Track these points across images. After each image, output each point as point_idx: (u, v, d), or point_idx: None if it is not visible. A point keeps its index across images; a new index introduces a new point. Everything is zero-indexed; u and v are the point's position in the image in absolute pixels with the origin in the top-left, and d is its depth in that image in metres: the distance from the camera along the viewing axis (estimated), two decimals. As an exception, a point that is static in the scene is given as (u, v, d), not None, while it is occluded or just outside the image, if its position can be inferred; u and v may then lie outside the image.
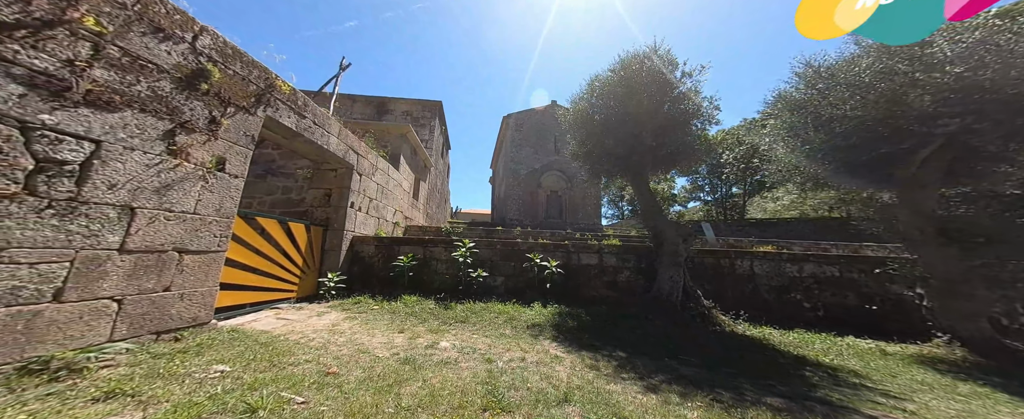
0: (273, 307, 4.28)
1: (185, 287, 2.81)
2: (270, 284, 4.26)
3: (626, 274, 5.64)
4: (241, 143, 3.33)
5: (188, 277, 2.84)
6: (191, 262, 2.86)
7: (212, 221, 3.05)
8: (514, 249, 5.89)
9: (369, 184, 6.50)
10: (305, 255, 4.89)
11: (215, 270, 3.10)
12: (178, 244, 2.74)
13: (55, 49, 1.98)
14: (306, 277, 4.94)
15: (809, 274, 5.28)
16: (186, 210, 2.81)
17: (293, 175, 7.33)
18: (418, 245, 5.94)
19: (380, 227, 7.09)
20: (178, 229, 2.74)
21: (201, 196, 2.94)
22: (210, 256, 3.04)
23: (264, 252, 4.13)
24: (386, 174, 7.43)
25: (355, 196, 5.87)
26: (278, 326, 3.54)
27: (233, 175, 3.25)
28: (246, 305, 3.90)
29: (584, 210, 18.51)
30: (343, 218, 5.52)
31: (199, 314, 2.94)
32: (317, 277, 5.18)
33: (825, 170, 4.82)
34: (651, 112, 5.26)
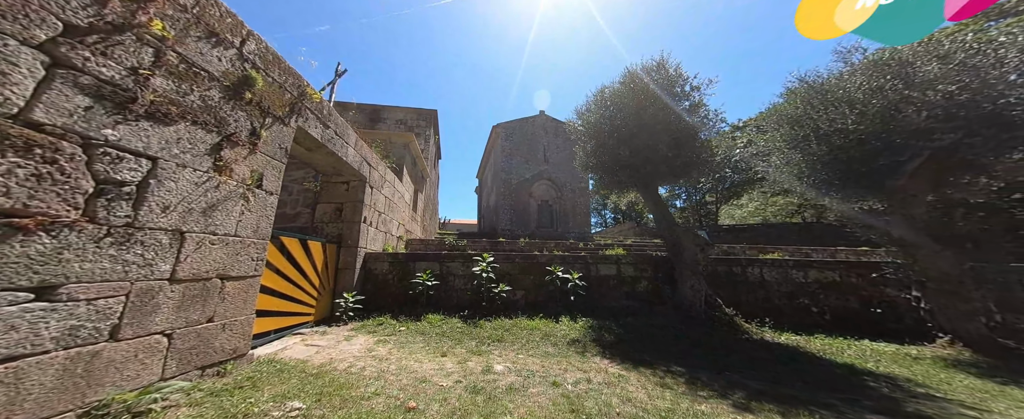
0: (296, 333, 3.99)
1: (227, 316, 2.58)
2: (292, 308, 3.98)
3: (644, 284, 5.87)
4: (277, 156, 3.16)
5: (229, 306, 2.61)
6: (232, 289, 2.64)
7: (251, 243, 2.84)
8: (533, 262, 5.93)
9: (378, 197, 6.30)
10: (321, 275, 4.62)
11: (252, 296, 2.87)
12: (221, 270, 2.53)
13: (122, 56, 1.82)
14: (322, 298, 4.66)
15: (814, 280, 5.79)
16: (228, 232, 2.61)
17: (287, 188, 6.94)
18: (435, 260, 5.81)
19: (387, 242, 6.85)
20: (221, 253, 2.53)
21: (242, 216, 2.74)
22: (248, 282, 2.82)
23: (287, 274, 3.87)
24: (392, 186, 7.24)
25: (367, 210, 5.66)
26: (312, 354, 3.32)
27: (269, 192, 3.07)
28: (270, 332, 3.61)
29: (574, 219, 18.94)
30: (357, 234, 5.30)
31: (239, 345, 2.70)
32: (331, 298, 4.90)
33: (823, 181, 5.39)
34: (665, 123, 5.63)
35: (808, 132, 5.24)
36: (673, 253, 5.62)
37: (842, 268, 5.83)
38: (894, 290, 5.55)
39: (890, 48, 4.80)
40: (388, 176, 6.89)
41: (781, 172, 6.02)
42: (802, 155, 5.44)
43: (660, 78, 5.95)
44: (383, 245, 6.61)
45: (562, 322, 4.84)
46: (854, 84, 4.78)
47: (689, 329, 4.61)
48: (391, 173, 7.10)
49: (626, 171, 5.96)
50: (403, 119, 12.43)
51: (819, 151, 5.11)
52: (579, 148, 7.62)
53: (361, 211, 5.40)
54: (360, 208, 5.41)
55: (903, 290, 5.48)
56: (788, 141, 5.64)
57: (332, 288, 4.95)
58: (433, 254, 5.88)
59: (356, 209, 5.40)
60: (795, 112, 5.47)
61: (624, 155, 5.95)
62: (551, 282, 5.61)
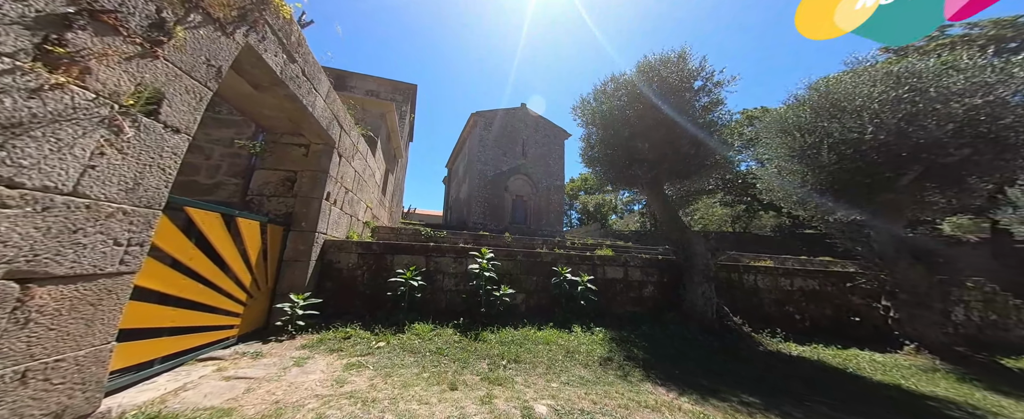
0: (207, 356, 2.58)
1: (36, 356, 1.25)
2: (202, 319, 2.56)
3: (650, 289, 5.31)
4: (199, 76, 1.81)
5: (44, 335, 1.27)
6: (53, 302, 1.31)
7: (115, 212, 1.50)
8: (537, 261, 5.02)
9: (347, 170, 4.86)
10: (255, 269, 3.19)
11: (111, 311, 1.53)
12: (24, 262, 1.20)
13: None
14: (255, 302, 3.24)
15: (798, 288, 5.75)
16: (57, 185, 1.27)
17: (202, 149, 5.00)
18: (421, 254, 4.60)
19: (352, 228, 5.41)
20: (29, 227, 1.20)
21: (98, 160, 1.40)
22: (102, 284, 1.48)
23: (194, 268, 2.45)
24: (364, 160, 5.78)
25: (332, 185, 4.25)
26: (237, 395, 2.03)
27: (172, 127, 1.71)
28: (157, 360, 2.20)
29: (548, 217, 18.45)
30: (316, 215, 3.88)
31: (70, 401, 1.37)
32: (270, 301, 3.48)
33: (821, 191, 5.27)
34: (690, 118, 5.08)
35: (817, 140, 5.06)
36: (684, 257, 5.13)
37: (821, 277, 5.88)
38: (860, 299, 5.72)
39: (903, 62, 4.78)
40: (361, 146, 5.44)
41: (775, 181, 5.88)
42: (806, 164, 5.28)
43: (679, 71, 5.40)
44: (347, 231, 5.17)
45: (576, 332, 4.02)
46: (869, 93, 4.66)
47: (710, 341, 4.10)
48: (364, 143, 5.64)
49: (642, 165, 5.32)
50: (375, 91, 10.56)
51: (829, 160, 4.96)
52: (583, 140, 6.88)
53: (324, 185, 3.98)
54: (323, 180, 3.99)
55: (869, 299, 5.66)
56: (791, 149, 5.46)
57: (272, 287, 3.52)
58: (419, 246, 4.66)
59: (317, 181, 3.97)
60: (800, 120, 5.27)
61: (641, 149, 5.30)
62: (558, 285, 4.76)
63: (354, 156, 5.11)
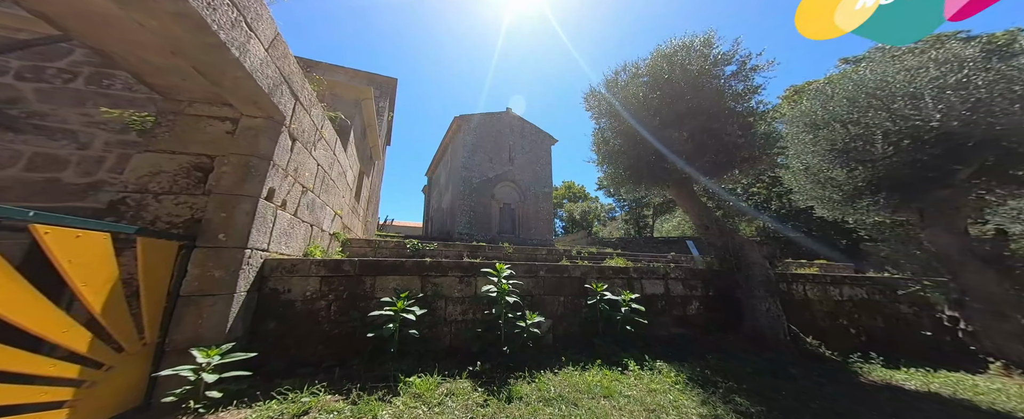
0: None
1: None
2: None
3: (695, 306, 4.32)
4: None
5: None
6: None
7: None
8: (565, 277, 3.87)
9: (306, 162, 3.49)
10: (113, 308, 1.78)
11: None
12: None
13: None
14: (127, 365, 1.81)
15: (847, 297, 5.04)
16: None
17: (76, 135, 3.39)
18: (414, 274, 3.29)
19: (314, 242, 3.99)
20: None
21: None
22: None
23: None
24: (332, 152, 4.40)
25: (280, 179, 2.88)
26: None
27: None
28: None
29: (537, 225, 17.44)
30: (246, 222, 2.48)
31: None
32: (151, 361, 2.03)
33: (859, 188, 4.64)
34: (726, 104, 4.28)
35: (865, 131, 4.45)
36: (735, 266, 4.22)
37: (868, 284, 5.24)
38: (908, 307, 5.13)
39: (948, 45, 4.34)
40: (328, 133, 4.08)
41: (803, 180, 5.22)
42: (850, 160, 4.65)
43: (703, 56, 4.66)
44: (306, 246, 3.75)
45: (634, 372, 2.90)
46: (924, 78, 4.14)
47: (803, 372, 3.12)
48: (331, 130, 4.28)
49: (678, 159, 4.41)
50: (347, 84, 9.15)
51: (883, 152, 4.35)
52: (596, 134, 5.96)
53: (263, 177, 2.62)
54: (261, 171, 2.62)
55: (916, 308, 5.08)
56: (829, 144, 4.82)
57: (158, 341, 2.07)
58: (412, 264, 3.33)
59: (250, 172, 2.59)
60: (835, 111, 4.66)
61: (676, 139, 4.40)
62: (593, 307, 3.63)
63: (316, 144, 3.76)
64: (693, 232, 26.55)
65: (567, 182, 32.55)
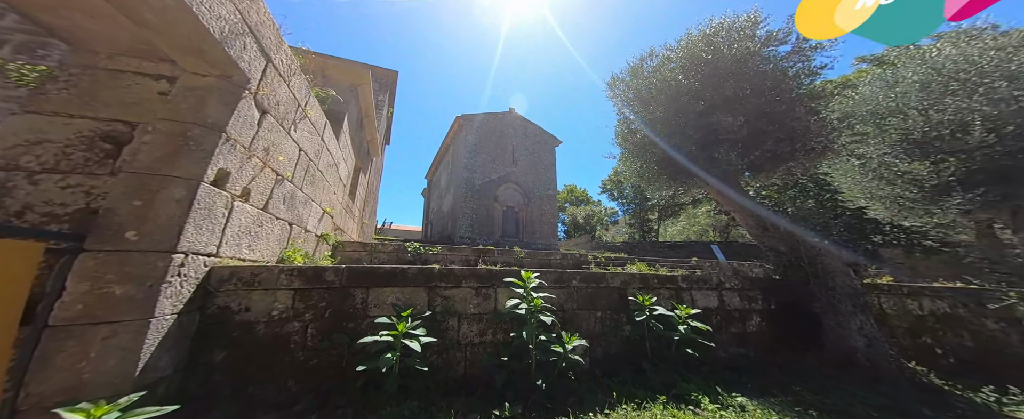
0: None
1: None
2: None
3: (756, 320, 3.56)
4: None
5: None
6: None
7: None
8: (601, 288, 3.11)
9: (283, 143, 2.73)
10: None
11: None
12: None
13: None
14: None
15: (929, 311, 4.29)
16: None
17: None
18: (419, 285, 2.51)
19: (293, 245, 3.21)
20: None
21: None
22: None
23: None
24: (318, 137, 3.65)
25: (237, 160, 2.12)
26: None
27: None
28: None
29: (541, 228, 16.69)
30: (176, 215, 1.70)
31: None
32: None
33: (943, 185, 3.93)
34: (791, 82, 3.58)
35: (957, 116, 3.73)
36: (810, 275, 3.47)
37: (950, 297, 4.50)
38: (995, 323, 4.39)
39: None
40: (314, 113, 3.33)
41: (866, 178, 4.51)
42: (930, 150, 3.94)
43: (757, 34, 3.98)
44: (283, 249, 2.97)
45: (707, 411, 2.15)
46: None
47: (932, 413, 2.36)
48: (318, 110, 3.53)
49: (730, 148, 3.68)
50: (344, 76, 8.45)
51: (979, 141, 3.62)
52: (621, 125, 5.26)
53: (208, 153, 1.85)
54: (205, 144, 1.86)
55: (1003, 324, 4.34)
56: (902, 135, 4.10)
57: (8, 395, 1.28)
58: (415, 274, 2.55)
59: (185, 144, 1.81)
60: (904, 98, 3.97)
61: (728, 125, 3.68)
62: (639, 325, 2.87)
63: (297, 123, 3.01)
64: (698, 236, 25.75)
65: (569, 185, 31.87)
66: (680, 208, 25.08)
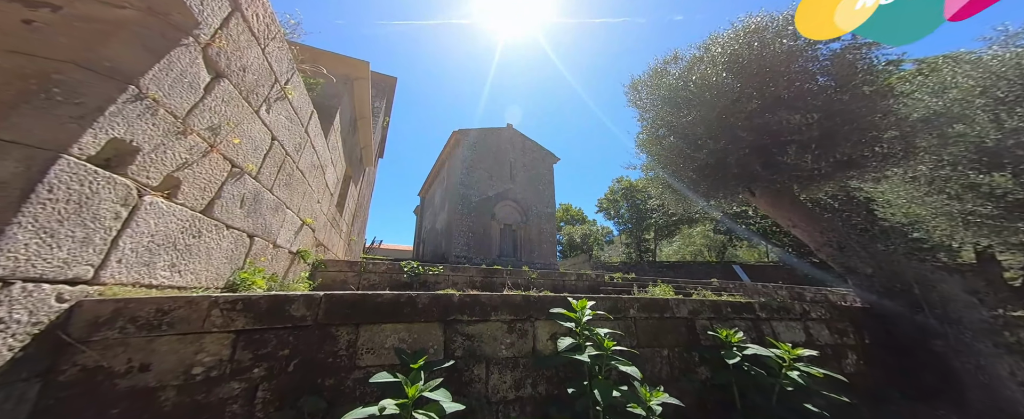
0: None
1: None
2: None
3: (852, 359, 2.82)
4: None
5: None
6: None
7: None
8: (665, 319, 2.35)
9: (248, 123, 1.98)
10: None
11: None
12: None
13: None
14: None
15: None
16: None
17: None
18: (433, 319, 1.69)
19: (254, 263, 2.35)
20: None
21: None
22: None
23: None
24: (300, 128, 2.90)
25: (159, 132, 1.36)
26: None
27: None
28: None
29: (540, 247, 15.89)
30: None
31: None
32: None
33: None
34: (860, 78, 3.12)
35: None
36: (921, 304, 2.80)
37: None
38: None
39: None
40: (296, 96, 2.59)
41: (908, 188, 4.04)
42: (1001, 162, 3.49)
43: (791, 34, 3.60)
44: (233, 271, 2.12)
45: None
46: None
47: None
48: (303, 95, 2.81)
49: (794, 147, 3.10)
50: (339, 83, 7.83)
51: None
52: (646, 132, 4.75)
53: (92, 112, 1.09)
54: (88, 98, 1.11)
55: None
56: (975, 141, 3.62)
57: None
58: (426, 304, 1.73)
59: (41, 91, 1.06)
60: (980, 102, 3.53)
61: (793, 124, 3.12)
62: (724, 370, 2.10)
63: (271, 102, 2.27)
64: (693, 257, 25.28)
65: (564, 204, 31.49)
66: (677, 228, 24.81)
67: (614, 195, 25.90)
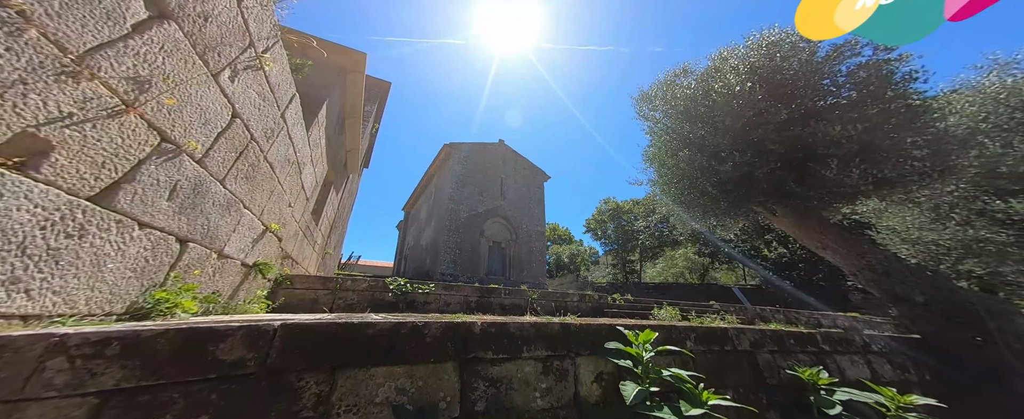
0: None
1: None
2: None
3: (916, 393, 2.44)
4: None
5: None
6: None
7: None
8: (726, 351, 1.87)
9: (196, 85, 1.42)
10: None
11: None
12: None
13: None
14: None
15: None
16: None
17: None
18: (441, 360, 1.11)
19: (184, 277, 1.68)
20: None
21: None
22: None
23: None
24: (275, 110, 2.33)
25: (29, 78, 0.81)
26: None
27: None
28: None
29: (529, 266, 15.26)
30: None
31: None
32: None
33: None
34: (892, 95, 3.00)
35: None
36: (987, 338, 2.49)
37: None
38: None
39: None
40: (275, 69, 2.06)
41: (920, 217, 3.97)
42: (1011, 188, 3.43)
43: (815, 49, 3.57)
44: (145, 289, 1.45)
45: None
46: None
47: None
48: (284, 69, 2.28)
49: (837, 162, 2.85)
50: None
51: None
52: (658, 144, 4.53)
53: None
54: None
55: None
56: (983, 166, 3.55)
57: None
58: (436, 336, 1.15)
59: None
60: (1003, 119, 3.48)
61: (834, 136, 2.89)
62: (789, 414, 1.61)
63: (238, 69, 1.72)
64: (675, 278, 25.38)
65: (551, 224, 31.30)
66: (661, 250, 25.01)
67: (602, 216, 26.02)
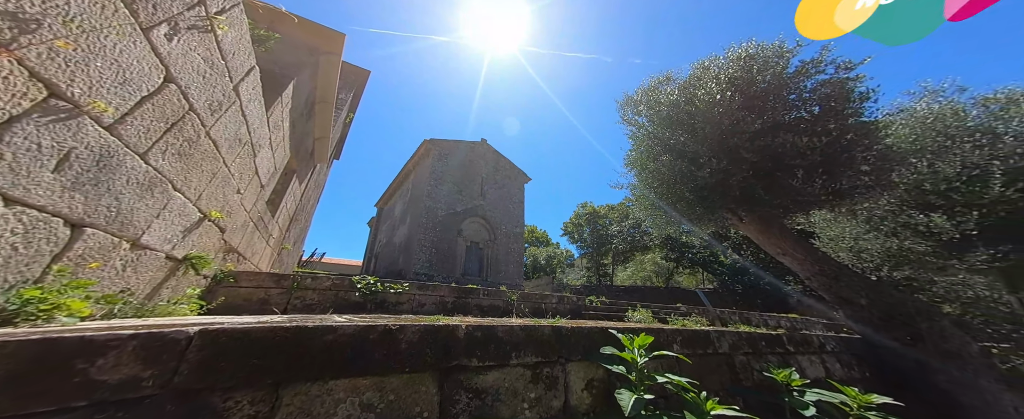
0: None
1: None
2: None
3: (859, 389, 2.59)
4: None
5: None
6: None
7: None
8: (709, 355, 1.83)
9: (119, 40, 1.11)
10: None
11: None
12: None
13: None
14: None
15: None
16: None
17: None
18: (418, 370, 0.91)
19: (69, 270, 1.34)
20: None
21: None
22: None
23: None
24: (227, 81, 1.98)
25: None
26: None
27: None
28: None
29: (506, 268, 15.11)
30: None
31: None
32: None
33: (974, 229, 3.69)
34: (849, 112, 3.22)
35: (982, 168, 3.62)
36: (916, 338, 2.68)
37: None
38: None
39: None
40: (232, 37, 1.74)
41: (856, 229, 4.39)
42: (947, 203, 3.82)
43: (787, 62, 3.79)
44: (10, 287, 1.11)
45: None
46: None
47: None
48: (241, 39, 1.95)
49: (802, 172, 3.01)
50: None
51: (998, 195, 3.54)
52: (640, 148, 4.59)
53: None
54: None
55: None
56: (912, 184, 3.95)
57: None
58: (414, 340, 0.94)
59: None
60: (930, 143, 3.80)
61: (801, 147, 3.03)
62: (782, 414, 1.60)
63: (179, 27, 1.40)
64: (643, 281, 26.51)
65: (529, 226, 31.44)
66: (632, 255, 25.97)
67: (579, 219, 26.53)
